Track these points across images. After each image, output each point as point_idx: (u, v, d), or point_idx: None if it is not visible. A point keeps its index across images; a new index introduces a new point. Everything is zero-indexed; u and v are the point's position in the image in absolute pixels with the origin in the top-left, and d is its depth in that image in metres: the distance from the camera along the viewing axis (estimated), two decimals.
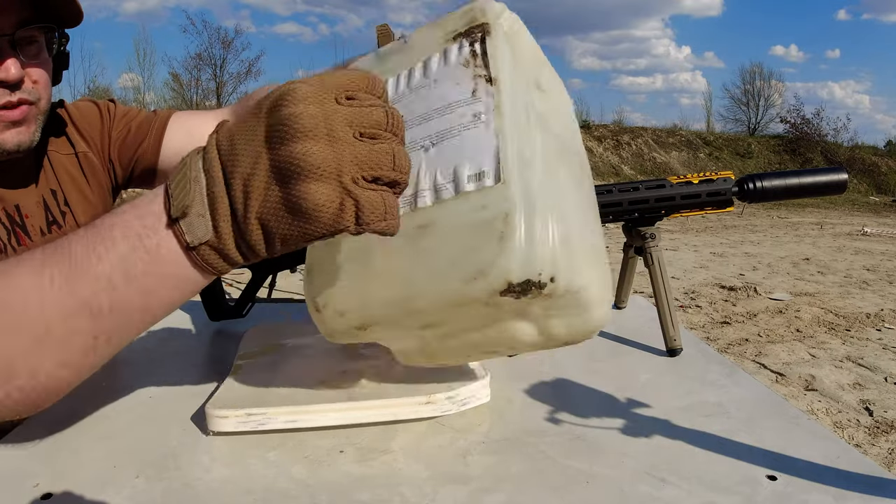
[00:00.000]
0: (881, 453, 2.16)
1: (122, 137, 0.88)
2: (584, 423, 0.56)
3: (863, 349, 3.20)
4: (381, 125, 0.35)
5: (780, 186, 0.74)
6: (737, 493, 0.46)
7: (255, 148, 0.34)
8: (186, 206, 0.35)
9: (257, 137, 0.34)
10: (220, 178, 0.35)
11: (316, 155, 0.33)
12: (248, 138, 0.35)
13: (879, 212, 11.01)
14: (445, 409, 0.56)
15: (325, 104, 0.34)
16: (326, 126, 0.33)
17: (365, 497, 0.45)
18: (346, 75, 0.35)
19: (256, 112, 0.35)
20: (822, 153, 14.84)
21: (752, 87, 19.22)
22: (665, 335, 0.74)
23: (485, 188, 0.42)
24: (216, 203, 0.35)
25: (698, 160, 14.71)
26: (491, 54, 0.46)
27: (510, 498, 0.45)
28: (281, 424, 0.54)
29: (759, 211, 10.11)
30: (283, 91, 0.34)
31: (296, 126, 0.33)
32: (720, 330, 3.54)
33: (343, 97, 0.34)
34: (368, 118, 0.34)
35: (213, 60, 16.91)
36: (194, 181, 0.35)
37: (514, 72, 0.46)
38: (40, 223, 0.79)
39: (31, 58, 0.69)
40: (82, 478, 0.47)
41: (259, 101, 0.35)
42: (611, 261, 0.51)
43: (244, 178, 0.34)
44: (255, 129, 0.34)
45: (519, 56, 0.48)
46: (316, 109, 0.33)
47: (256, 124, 0.35)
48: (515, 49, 0.48)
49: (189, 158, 0.36)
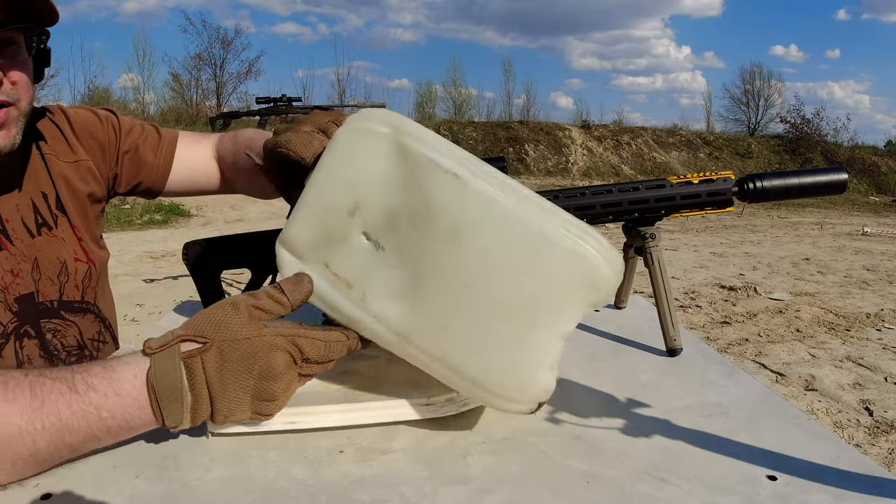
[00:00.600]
0: (881, 453, 2.16)
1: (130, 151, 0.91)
2: (584, 423, 0.56)
3: (863, 349, 3.20)
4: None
5: (780, 186, 0.74)
6: (737, 493, 0.46)
7: (243, 396, 0.49)
8: (178, 422, 0.48)
9: (247, 393, 0.49)
10: (208, 405, 0.49)
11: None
12: (238, 392, 0.49)
13: (879, 212, 11.01)
14: (445, 410, 0.56)
15: (293, 368, 0.51)
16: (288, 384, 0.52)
17: (365, 497, 0.45)
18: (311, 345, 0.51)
19: (248, 370, 0.49)
20: (822, 153, 14.83)
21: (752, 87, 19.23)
22: (665, 335, 0.74)
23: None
24: (198, 417, 0.49)
25: (698, 160, 14.71)
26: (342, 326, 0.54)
27: (510, 498, 0.45)
28: (281, 425, 0.54)
29: (759, 211, 10.11)
30: (269, 367, 0.49)
31: (278, 392, 0.51)
32: (720, 330, 3.54)
33: (302, 363, 0.51)
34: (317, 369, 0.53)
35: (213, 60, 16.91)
36: (183, 402, 0.48)
37: (352, 302, 0.53)
38: (29, 225, 0.78)
39: (9, 59, 0.68)
40: (82, 478, 0.47)
41: (251, 360, 0.49)
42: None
43: (228, 411, 0.49)
44: (246, 385, 0.49)
45: (332, 250, 0.53)
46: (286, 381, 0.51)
47: (248, 380, 0.49)
48: (326, 253, 0.54)
49: (177, 376, 0.47)
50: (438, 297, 0.50)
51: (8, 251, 0.75)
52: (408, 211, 0.50)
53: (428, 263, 0.50)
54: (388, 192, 0.50)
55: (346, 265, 0.52)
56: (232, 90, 17.08)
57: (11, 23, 0.67)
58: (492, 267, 0.48)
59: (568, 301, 0.49)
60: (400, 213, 0.50)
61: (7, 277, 0.74)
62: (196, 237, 0.87)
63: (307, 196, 0.53)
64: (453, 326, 0.50)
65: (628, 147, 14.63)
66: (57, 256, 0.80)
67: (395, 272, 0.51)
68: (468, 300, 0.49)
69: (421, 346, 0.51)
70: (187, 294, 3.98)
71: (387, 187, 0.50)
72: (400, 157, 0.50)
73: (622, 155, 14.29)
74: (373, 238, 0.51)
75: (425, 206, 0.49)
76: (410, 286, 0.50)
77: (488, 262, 0.48)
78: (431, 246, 0.49)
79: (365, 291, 0.51)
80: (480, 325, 0.49)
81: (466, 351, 0.50)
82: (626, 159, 14.20)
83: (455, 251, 0.49)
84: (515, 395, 0.51)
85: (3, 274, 0.74)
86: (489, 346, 0.49)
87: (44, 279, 0.78)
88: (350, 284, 0.51)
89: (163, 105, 15.83)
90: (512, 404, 0.51)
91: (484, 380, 0.50)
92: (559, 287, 0.49)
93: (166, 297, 4.03)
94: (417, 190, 0.49)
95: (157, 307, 3.79)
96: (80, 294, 0.83)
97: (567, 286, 0.49)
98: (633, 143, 14.80)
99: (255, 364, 0.48)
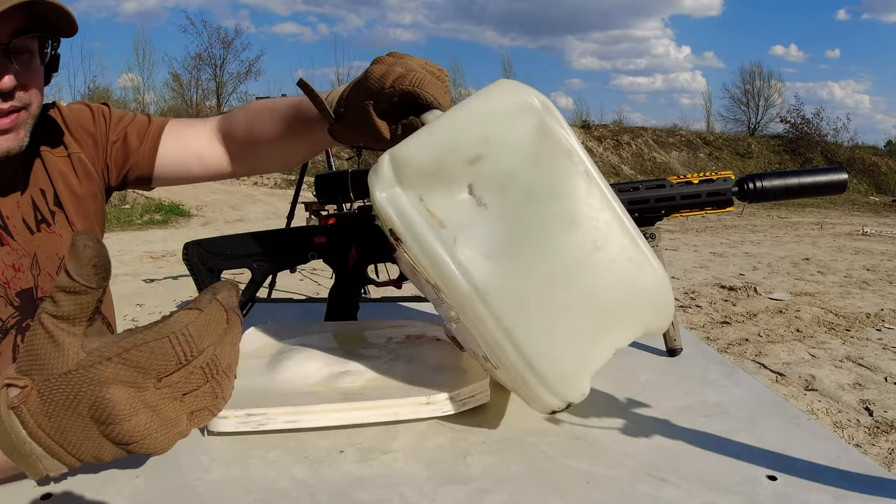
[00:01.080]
0: (881, 453, 2.16)
1: (118, 142, 0.89)
2: (584, 423, 0.56)
3: (863, 349, 3.20)
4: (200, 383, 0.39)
5: (780, 186, 0.74)
6: (737, 493, 0.46)
7: (97, 442, 0.38)
8: (40, 474, 0.38)
9: (98, 440, 0.38)
10: (67, 454, 0.38)
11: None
12: (85, 441, 0.38)
13: (879, 212, 11.01)
14: (445, 409, 0.56)
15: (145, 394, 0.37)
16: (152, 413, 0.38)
17: (365, 497, 0.45)
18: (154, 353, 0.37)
19: (78, 415, 0.37)
20: (822, 153, 14.84)
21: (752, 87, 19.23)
22: (665, 335, 0.74)
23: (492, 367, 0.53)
24: (66, 464, 0.38)
25: (698, 160, 14.71)
26: (413, 260, 0.51)
27: (510, 498, 0.45)
28: (281, 424, 0.54)
29: (759, 211, 10.11)
30: (101, 409, 0.37)
31: (134, 434, 0.37)
32: (720, 330, 3.54)
33: (156, 380, 0.37)
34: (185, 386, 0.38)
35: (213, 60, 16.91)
36: (32, 454, 0.38)
37: (440, 242, 0.51)
38: (29, 221, 0.79)
39: (23, 65, 0.70)
40: (82, 478, 0.47)
41: (74, 403, 0.37)
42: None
43: (95, 458, 0.38)
44: (89, 432, 0.37)
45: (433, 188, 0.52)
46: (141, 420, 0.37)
47: (85, 426, 0.37)
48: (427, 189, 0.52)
49: (10, 430, 0.38)
50: (532, 271, 0.50)
51: (9, 246, 0.76)
52: (527, 183, 0.51)
53: (533, 237, 0.51)
54: (515, 159, 0.51)
55: (441, 206, 0.52)
56: (232, 90, 17.09)
57: (30, 31, 0.69)
58: (593, 262, 0.50)
59: (638, 318, 0.53)
60: (518, 181, 0.51)
61: (8, 272, 0.75)
62: (196, 237, 0.87)
63: (438, 126, 0.53)
64: (535, 303, 0.50)
65: (628, 147, 14.64)
66: (56, 252, 0.81)
67: (493, 231, 0.51)
68: (560, 284, 0.50)
69: (493, 309, 0.50)
70: (187, 294, 3.98)
71: (515, 154, 0.52)
72: (540, 134, 0.52)
73: (622, 155, 14.30)
74: (476, 194, 0.52)
75: (549, 187, 0.51)
76: (505, 250, 0.51)
77: (592, 258, 0.50)
78: (543, 223, 0.51)
79: (457, 237, 0.51)
80: (562, 311, 0.50)
81: (537, 330, 0.50)
82: (626, 159, 14.20)
83: (566, 237, 0.50)
84: (557, 389, 0.51)
85: (4, 269, 0.75)
86: (560, 334, 0.50)
87: (43, 275, 0.79)
88: (444, 225, 0.51)
89: (163, 105, 15.85)
90: (546, 397, 0.51)
91: (539, 364, 0.50)
92: (638, 302, 0.52)
93: (166, 297, 4.03)
94: (546, 170, 0.51)
95: (157, 307, 3.79)
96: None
97: (643, 304, 0.52)
98: (633, 143, 14.81)
99: (79, 407, 0.37)
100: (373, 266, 0.86)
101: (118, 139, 0.89)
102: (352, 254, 0.83)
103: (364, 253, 0.83)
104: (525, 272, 0.50)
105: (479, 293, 0.50)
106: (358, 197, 0.82)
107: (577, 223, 0.51)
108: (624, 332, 0.53)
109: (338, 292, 0.84)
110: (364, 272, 0.84)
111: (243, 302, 0.87)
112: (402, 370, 0.63)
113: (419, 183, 0.52)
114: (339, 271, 0.83)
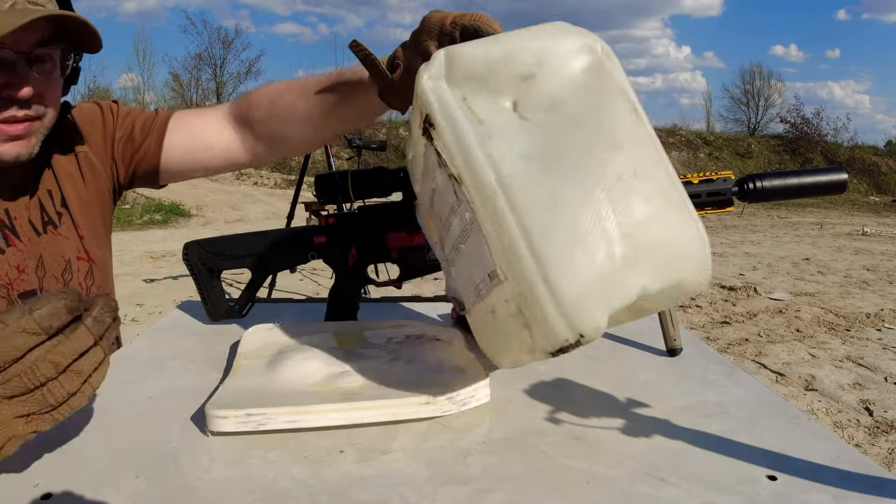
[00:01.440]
0: (881, 453, 2.16)
1: (124, 137, 0.89)
2: (584, 423, 0.56)
3: (863, 349, 3.20)
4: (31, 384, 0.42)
5: (780, 186, 0.74)
6: (737, 493, 0.46)
7: None
8: None
9: None
10: None
11: None
12: None
13: (879, 212, 11.01)
14: (445, 409, 0.56)
15: None
16: None
17: (365, 497, 0.45)
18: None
19: None
20: (822, 153, 14.84)
21: (752, 86, 19.26)
22: (665, 335, 0.74)
23: (496, 287, 0.48)
24: None
25: (698, 160, 14.71)
26: (442, 148, 0.50)
27: (510, 498, 0.45)
28: (281, 424, 0.54)
29: (759, 211, 10.11)
30: None
31: None
32: (720, 330, 3.54)
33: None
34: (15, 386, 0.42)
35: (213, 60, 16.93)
36: None
37: (475, 134, 0.49)
38: (35, 223, 0.79)
39: (44, 75, 0.70)
40: (82, 478, 0.47)
41: None
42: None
43: None
44: None
45: (478, 92, 0.50)
46: None
47: None
48: (472, 91, 0.50)
49: None
50: (565, 182, 0.47)
51: (16, 247, 0.76)
52: (575, 109, 0.50)
53: (572, 153, 0.49)
54: (568, 86, 0.51)
55: (483, 109, 0.50)
56: (232, 90, 17.11)
57: (54, 40, 0.70)
58: (631, 187, 0.48)
59: (671, 263, 0.48)
60: (566, 106, 0.50)
61: (13, 273, 0.76)
62: (196, 237, 0.87)
63: (500, 37, 0.53)
64: (563, 213, 0.46)
65: None
66: (61, 254, 0.81)
67: (531, 141, 0.49)
68: (593, 201, 0.47)
69: (516, 207, 0.47)
70: (187, 294, 3.98)
71: (569, 83, 0.51)
72: (596, 72, 0.52)
73: None
74: (520, 110, 0.51)
75: (597, 116, 0.50)
76: (540, 158, 0.49)
77: (631, 183, 0.48)
78: (585, 144, 0.49)
79: (492, 134, 0.49)
80: (590, 229, 0.47)
81: (560, 241, 0.45)
82: None
83: (608, 157, 0.48)
84: (571, 313, 0.45)
85: (9, 270, 0.75)
86: (584, 253, 0.45)
87: (48, 276, 0.79)
88: (482, 122, 0.50)
89: (163, 105, 15.86)
90: (556, 321, 0.45)
91: (556, 276, 0.45)
92: (672, 245, 0.48)
93: (166, 297, 4.03)
94: (597, 101, 0.51)
95: (157, 307, 3.79)
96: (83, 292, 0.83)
97: (678, 250, 0.48)
98: None
99: None
100: (373, 266, 0.86)
101: (125, 134, 0.88)
102: (352, 254, 0.83)
103: (364, 253, 0.83)
104: (557, 182, 0.47)
105: (503, 187, 0.47)
106: (358, 197, 0.82)
107: (621, 148, 0.49)
108: (654, 276, 0.47)
109: (338, 292, 0.84)
110: (364, 272, 0.84)
111: (243, 302, 0.87)
112: (402, 370, 0.63)
113: (467, 84, 0.50)
114: (339, 271, 0.83)
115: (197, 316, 0.89)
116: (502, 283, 0.47)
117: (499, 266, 0.47)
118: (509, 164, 0.48)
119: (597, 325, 0.45)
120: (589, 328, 0.45)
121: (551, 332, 0.45)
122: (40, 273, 0.79)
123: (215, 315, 0.85)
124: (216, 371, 0.69)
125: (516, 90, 0.50)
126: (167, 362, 0.72)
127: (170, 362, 0.72)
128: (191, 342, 0.80)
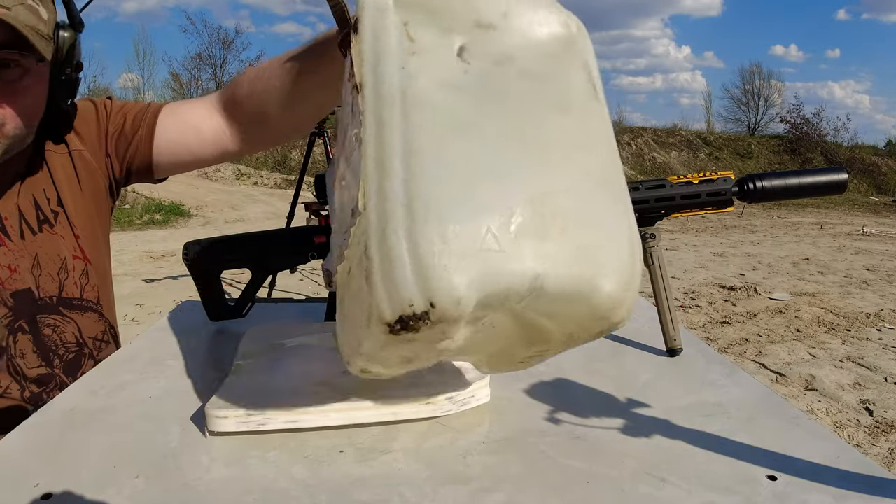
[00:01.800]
0: (881, 453, 2.16)
1: (117, 131, 0.88)
2: (584, 423, 0.56)
3: (863, 349, 3.20)
4: None
5: (780, 186, 0.74)
6: (737, 493, 0.46)
7: None
8: None
9: None
10: None
11: None
12: None
13: (879, 212, 11.01)
14: (445, 410, 0.56)
15: None
16: None
17: (365, 497, 0.45)
18: None
19: None
20: (822, 153, 14.85)
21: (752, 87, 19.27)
22: (665, 335, 0.74)
23: (355, 227, 0.37)
24: None
25: (698, 160, 14.71)
26: (355, 55, 0.41)
27: (510, 498, 0.45)
28: (281, 425, 0.54)
29: (759, 211, 10.11)
30: None
31: None
32: (720, 330, 3.54)
33: None
34: None
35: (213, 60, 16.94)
36: None
37: (398, 46, 0.41)
38: (31, 222, 0.79)
39: (6, 83, 0.68)
40: (82, 478, 0.47)
41: None
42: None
43: None
44: None
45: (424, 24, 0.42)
46: None
47: None
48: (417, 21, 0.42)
49: None
50: (484, 119, 0.42)
51: (7, 247, 0.76)
52: (527, 66, 0.45)
53: (505, 100, 0.43)
54: (526, 46, 0.45)
55: (423, 39, 0.43)
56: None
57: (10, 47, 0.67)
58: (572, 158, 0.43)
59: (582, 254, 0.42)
60: (516, 62, 0.45)
61: (4, 273, 0.75)
62: (196, 237, 0.87)
63: None
64: (469, 148, 0.41)
65: (628, 147, 14.64)
66: (57, 253, 0.81)
67: (463, 78, 0.43)
68: (510, 151, 0.42)
69: (411, 122, 0.40)
70: (187, 294, 3.98)
71: (529, 43, 0.45)
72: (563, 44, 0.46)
73: (622, 155, 14.29)
74: (464, 56, 0.44)
75: (548, 80, 0.45)
76: (466, 93, 0.42)
77: (571, 153, 0.43)
78: (529, 99, 0.44)
79: (419, 52, 0.42)
80: (491, 182, 0.40)
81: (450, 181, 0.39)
82: (626, 159, 14.20)
83: (552, 118, 0.44)
84: (425, 268, 0.36)
85: (0, 269, 0.75)
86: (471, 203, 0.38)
87: (44, 275, 0.79)
88: (414, 51, 0.42)
89: None
90: (403, 275, 0.36)
91: (423, 217, 0.37)
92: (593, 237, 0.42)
93: (166, 297, 4.03)
94: (553, 68, 0.45)
95: (157, 307, 3.79)
96: (78, 291, 0.83)
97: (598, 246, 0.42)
98: (633, 143, 14.81)
99: None
100: None
101: (117, 129, 0.88)
102: None
103: None
104: (476, 118, 0.41)
105: (405, 98, 0.39)
106: None
107: (567, 111, 0.44)
108: (555, 266, 0.38)
109: None
110: None
111: (243, 302, 0.87)
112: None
113: (415, 12, 0.42)
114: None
115: (197, 316, 0.89)
116: (360, 215, 0.37)
117: (363, 190, 0.37)
118: (424, 82, 0.40)
119: (455, 297, 0.35)
120: (443, 296, 0.35)
121: (393, 286, 0.35)
122: (36, 272, 0.79)
123: (215, 315, 0.85)
124: (216, 371, 0.69)
125: (469, 35, 0.43)
126: (167, 362, 0.72)
127: (170, 362, 0.72)
128: (191, 342, 0.80)
